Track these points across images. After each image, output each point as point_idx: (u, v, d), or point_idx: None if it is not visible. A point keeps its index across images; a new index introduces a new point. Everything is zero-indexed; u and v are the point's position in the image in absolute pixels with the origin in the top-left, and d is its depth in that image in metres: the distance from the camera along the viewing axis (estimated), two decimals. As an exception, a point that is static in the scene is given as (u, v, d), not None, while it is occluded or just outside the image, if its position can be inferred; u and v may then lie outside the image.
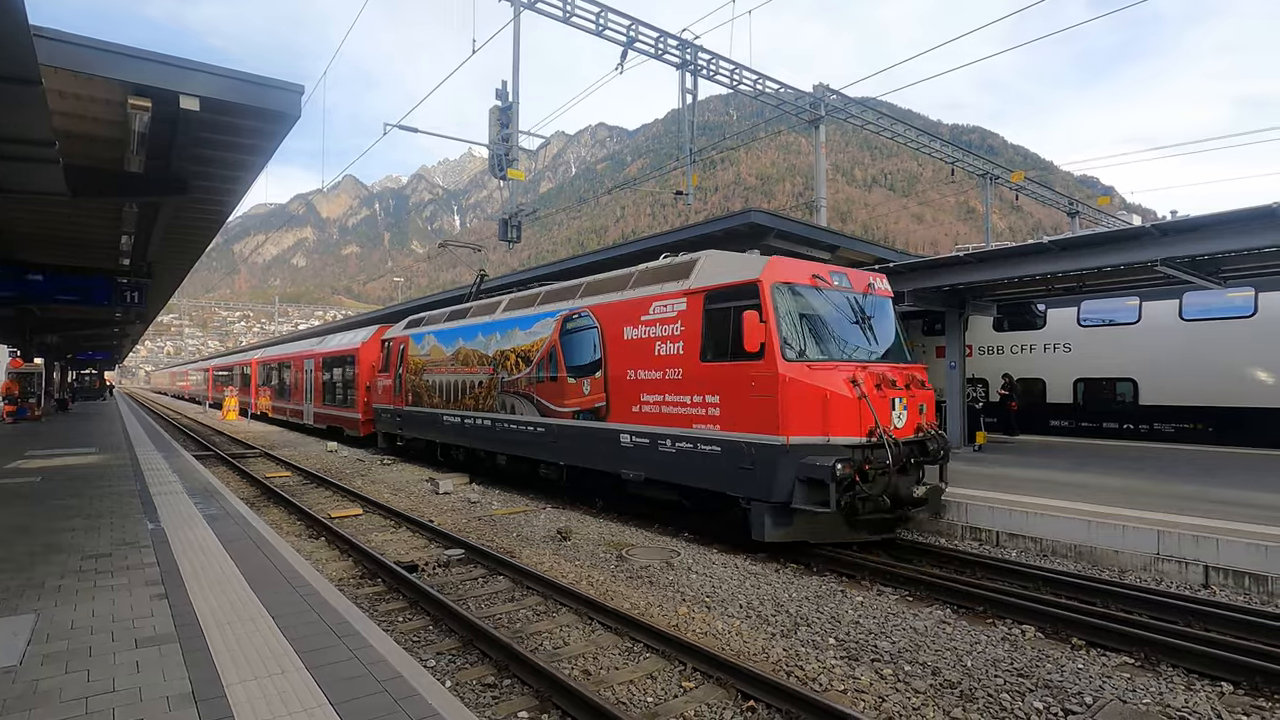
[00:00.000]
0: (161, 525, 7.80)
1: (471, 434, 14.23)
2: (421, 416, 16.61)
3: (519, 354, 12.56)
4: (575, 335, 11.14)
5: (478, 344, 14.05)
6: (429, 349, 16.34)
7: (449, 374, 15.10)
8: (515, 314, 13.01)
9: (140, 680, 3.83)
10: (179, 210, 9.84)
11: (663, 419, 9.37)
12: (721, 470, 8.52)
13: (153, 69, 5.85)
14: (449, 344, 15.31)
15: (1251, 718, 4.46)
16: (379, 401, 19.57)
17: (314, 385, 26.31)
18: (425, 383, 16.34)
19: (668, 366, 9.33)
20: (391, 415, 18.52)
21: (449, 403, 15.09)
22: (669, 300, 9.48)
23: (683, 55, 15.91)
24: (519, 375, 12.51)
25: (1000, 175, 27.56)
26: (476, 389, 13.92)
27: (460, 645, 5.75)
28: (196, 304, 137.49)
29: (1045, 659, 5.35)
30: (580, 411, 10.91)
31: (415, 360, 16.98)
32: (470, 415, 14.18)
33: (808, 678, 5.05)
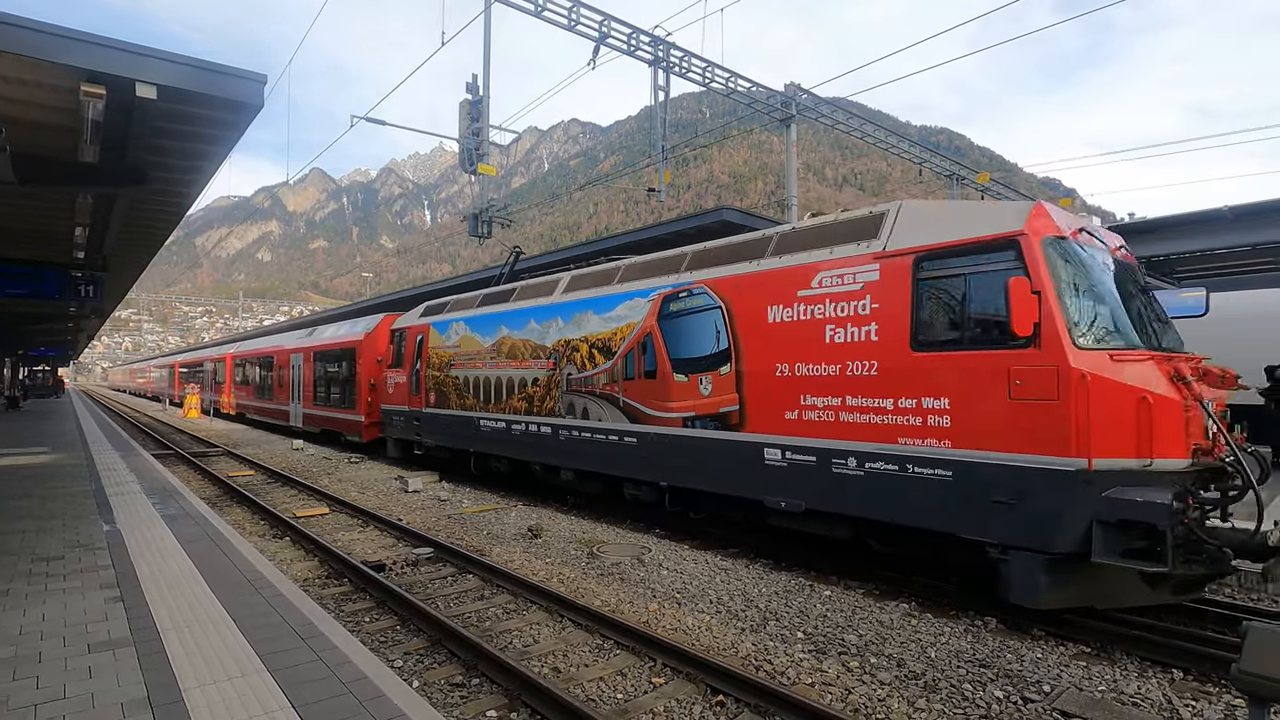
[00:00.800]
0: (118, 526, 7.58)
1: (521, 443, 11.59)
2: (449, 421, 13.86)
3: (594, 344, 10.10)
4: (684, 319, 8.78)
5: (530, 333, 11.49)
6: (458, 339, 13.69)
7: (488, 369, 12.58)
8: (584, 295, 10.53)
9: (93, 686, 3.71)
10: (136, 202, 9.54)
11: (840, 429, 6.99)
12: (950, 503, 6.09)
13: (107, 55, 5.65)
14: (487, 333, 12.74)
15: (1200, 702, 4.63)
16: (388, 402, 16.54)
17: (303, 383, 23.29)
18: (454, 380, 13.69)
19: (849, 358, 6.94)
20: (407, 418, 15.58)
21: (488, 404, 12.49)
22: (847, 268, 7.09)
23: (655, 52, 15.90)
24: (594, 371, 10.08)
25: (966, 176, 28.11)
26: (529, 388, 11.38)
27: (428, 645, 5.69)
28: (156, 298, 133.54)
29: (1006, 649, 5.48)
30: (695, 418, 8.49)
31: (439, 353, 14.27)
32: (520, 420, 11.57)
33: (776, 671, 5.10)
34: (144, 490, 10.07)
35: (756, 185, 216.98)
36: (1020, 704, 4.60)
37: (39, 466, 12.44)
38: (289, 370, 24.62)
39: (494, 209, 16.58)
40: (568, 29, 14.68)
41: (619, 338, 9.69)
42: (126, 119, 6.44)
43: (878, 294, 6.83)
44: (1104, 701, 4.61)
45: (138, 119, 6.43)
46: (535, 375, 11.29)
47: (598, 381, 10.00)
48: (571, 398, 10.49)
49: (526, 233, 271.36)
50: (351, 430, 19.27)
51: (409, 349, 15.60)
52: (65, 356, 52.86)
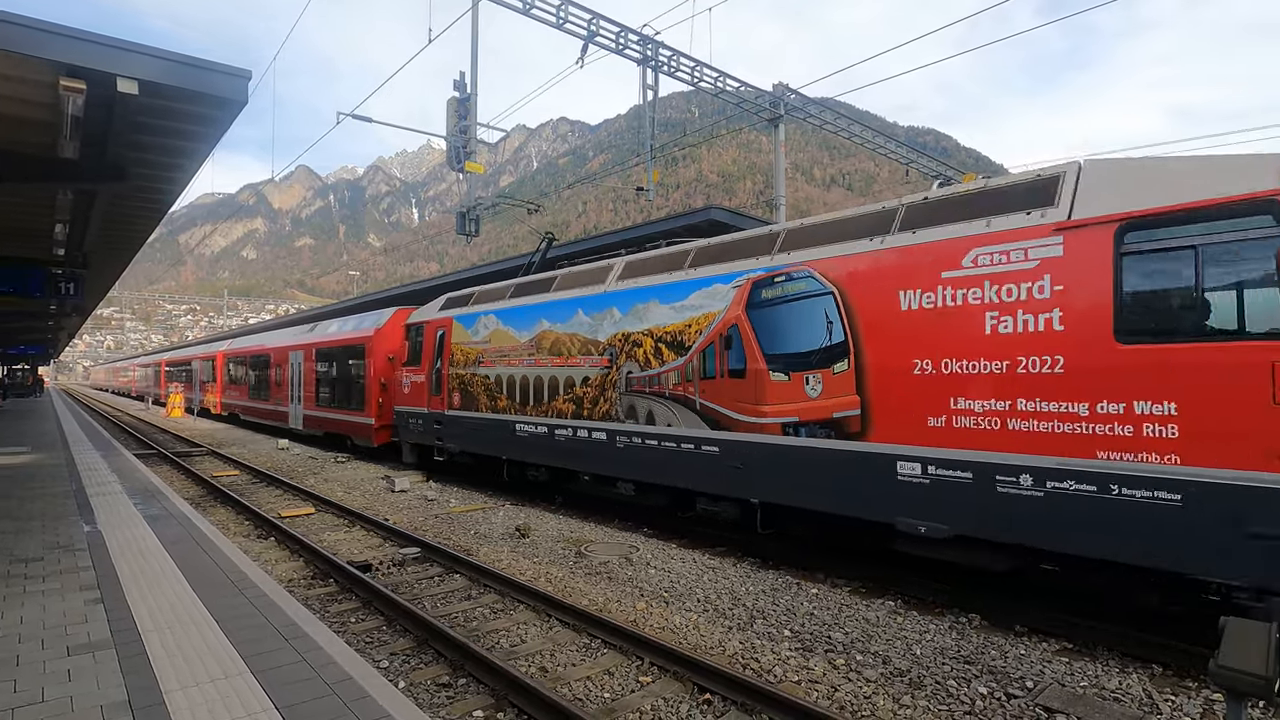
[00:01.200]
0: (98, 527, 7.48)
1: (567, 450, 10.33)
2: (477, 424, 12.52)
3: (660, 339, 8.86)
4: (782, 308, 7.52)
5: (577, 326, 10.26)
6: (487, 334, 12.38)
7: (525, 367, 11.28)
8: (645, 282, 9.30)
9: (72, 689, 3.66)
10: (117, 199, 9.41)
11: (1008, 439, 5.77)
12: (1177, 535, 4.95)
13: (87, 49, 5.57)
14: (523, 327, 11.44)
15: (1179, 696, 4.69)
16: (404, 403, 15.06)
17: (303, 383, 21.54)
18: (483, 379, 12.36)
19: (1021, 352, 5.75)
20: (426, 421, 14.16)
21: (525, 406, 11.21)
22: (1014, 243, 5.88)
23: (644, 51, 15.89)
24: (661, 369, 8.83)
25: (953, 176, 28.32)
26: (577, 388, 10.14)
27: (415, 645, 5.67)
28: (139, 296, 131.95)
29: (990, 645, 5.53)
30: (799, 424, 7.24)
31: (464, 350, 12.96)
32: (566, 425, 10.31)
33: (763, 669, 5.12)
34: (125, 491, 9.94)
35: (745, 185, 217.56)
36: (1004, 700, 4.65)
37: (18, 467, 12.25)
38: (287, 369, 22.95)
39: (482, 206, 16.51)
40: (556, 27, 14.63)
41: (693, 331, 8.45)
42: (107, 114, 6.35)
43: (1061, 273, 5.59)
44: (1086, 697, 4.67)
45: (119, 115, 6.35)
46: (585, 374, 10.01)
47: (666, 381, 8.76)
48: (632, 399, 9.21)
49: (515, 231, 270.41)
50: (360, 434, 17.61)
51: (428, 345, 14.26)
52: (45, 355, 52.07)
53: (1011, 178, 6.42)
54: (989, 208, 6.22)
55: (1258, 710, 4.47)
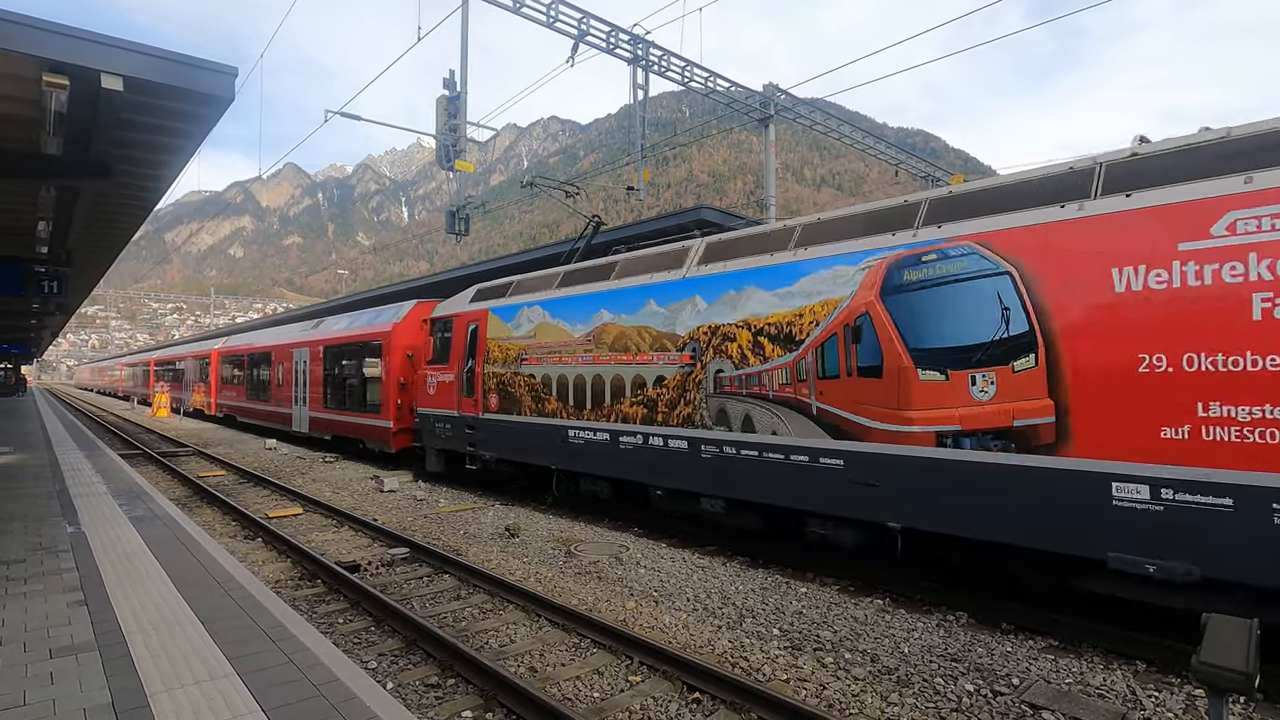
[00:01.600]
0: (82, 528, 7.40)
1: (636, 461, 9.04)
2: (520, 430, 11.10)
3: (762, 331, 7.63)
4: (935, 293, 6.27)
5: (649, 317, 9.05)
6: (532, 328, 11.04)
7: (580, 365, 9.98)
8: (737, 265, 8.12)
9: (55, 692, 3.62)
10: (101, 196, 9.31)
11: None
12: None
13: (71, 45, 5.50)
14: (577, 319, 10.17)
15: (1162, 692, 4.75)
16: (428, 405, 13.68)
17: (309, 382, 20.04)
18: (526, 379, 10.99)
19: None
20: (456, 426, 12.75)
21: (581, 409, 9.92)
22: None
23: (634, 50, 15.89)
24: (762, 367, 7.59)
25: (942, 177, 28.51)
26: (649, 389, 8.93)
27: (403, 646, 5.64)
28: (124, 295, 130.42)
29: (977, 643, 5.57)
30: (960, 433, 6.00)
31: (503, 346, 11.57)
32: (635, 431, 9.05)
33: (752, 668, 5.14)
34: (110, 491, 9.84)
35: (736, 185, 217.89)
36: (990, 697, 4.69)
37: (1, 467, 12.09)
38: (291, 368, 21.42)
39: (471, 205, 16.46)
40: (546, 26, 14.60)
41: (806, 322, 7.21)
42: (91, 111, 6.28)
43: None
44: (1070, 693, 4.72)
45: (103, 111, 6.28)
46: (659, 372, 8.81)
47: (769, 381, 7.53)
48: (723, 402, 7.99)
49: (506, 230, 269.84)
50: (376, 438, 16.12)
51: (458, 341, 12.86)
52: (29, 354, 51.43)
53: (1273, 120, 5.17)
54: (1250, 160, 5.03)
55: (1239, 705, 4.53)
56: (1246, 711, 4.51)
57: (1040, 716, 4.41)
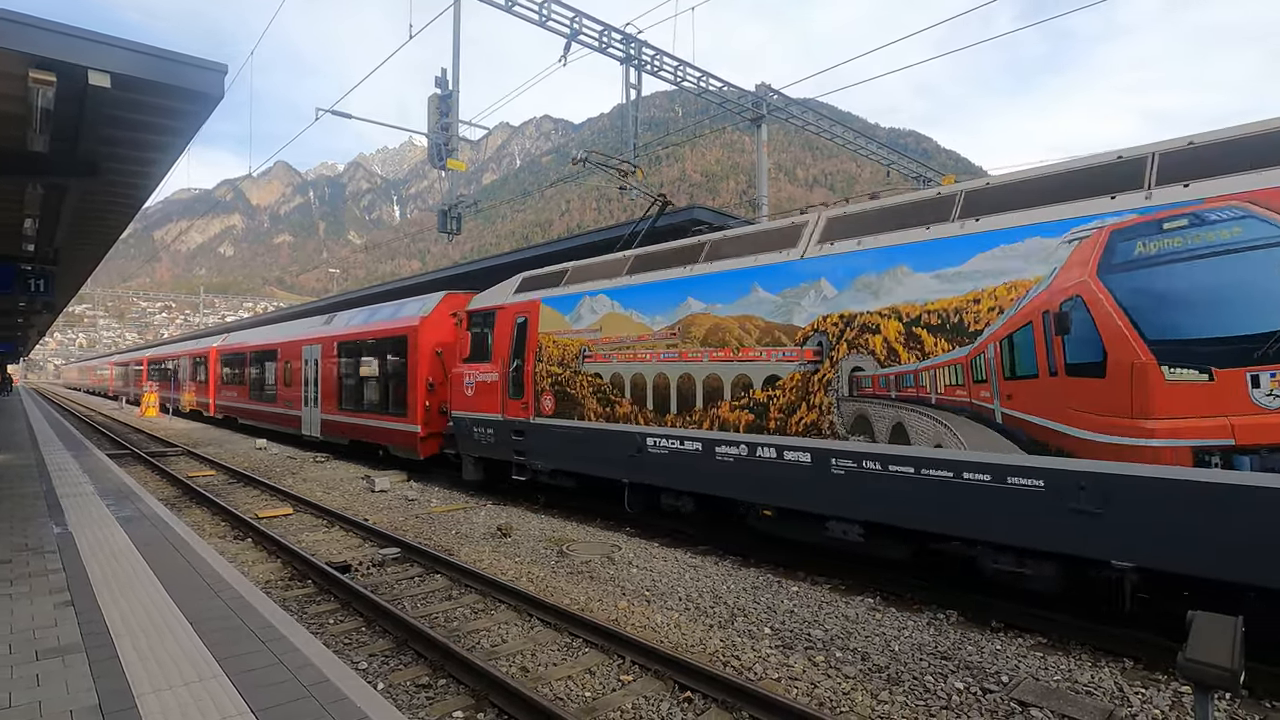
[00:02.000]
0: (69, 529, 7.33)
1: (738, 475, 7.76)
2: (583, 437, 9.76)
3: (918, 322, 6.36)
4: (1188, 269, 5.04)
5: (754, 306, 7.77)
6: (596, 321, 9.74)
7: (660, 363, 8.72)
8: (880, 242, 6.82)
9: (41, 694, 3.59)
10: (89, 194, 9.22)
11: None
12: None
13: (58, 41, 5.45)
14: (656, 309, 8.90)
15: (1149, 689, 4.79)
16: (465, 407, 12.31)
17: (321, 382, 18.54)
18: (591, 379, 9.70)
19: None
20: (501, 431, 11.38)
21: (663, 414, 8.64)
22: None
23: (627, 50, 15.88)
24: (921, 365, 6.29)
25: (933, 178, 28.64)
26: (757, 392, 7.61)
27: (394, 646, 5.63)
28: (112, 293, 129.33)
29: (966, 642, 5.60)
30: (1234, 450, 4.76)
31: (561, 341, 10.30)
32: (736, 441, 7.78)
33: (744, 667, 5.15)
34: (98, 491, 9.76)
35: (729, 184, 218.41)
36: (980, 694, 4.72)
37: (-14, 467, 11.98)
38: (299, 366, 19.87)
39: (463, 204, 16.41)
40: (539, 24, 14.58)
41: (985, 309, 5.95)
42: (78, 108, 6.23)
43: None
44: (1059, 690, 4.75)
45: (90, 108, 6.23)
46: (770, 371, 7.53)
47: (931, 382, 6.21)
48: (862, 407, 6.68)
49: (498, 230, 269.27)
50: (401, 443, 14.76)
51: (501, 336, 11.55)
52: (15, 353, 50.90)
53: None
54: None
55: (1224, 702, 4.58)
56: (1231, 708, 4.56)
57: (1029, 714, 4.44)
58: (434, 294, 15.33)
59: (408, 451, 14.55)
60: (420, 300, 15.50)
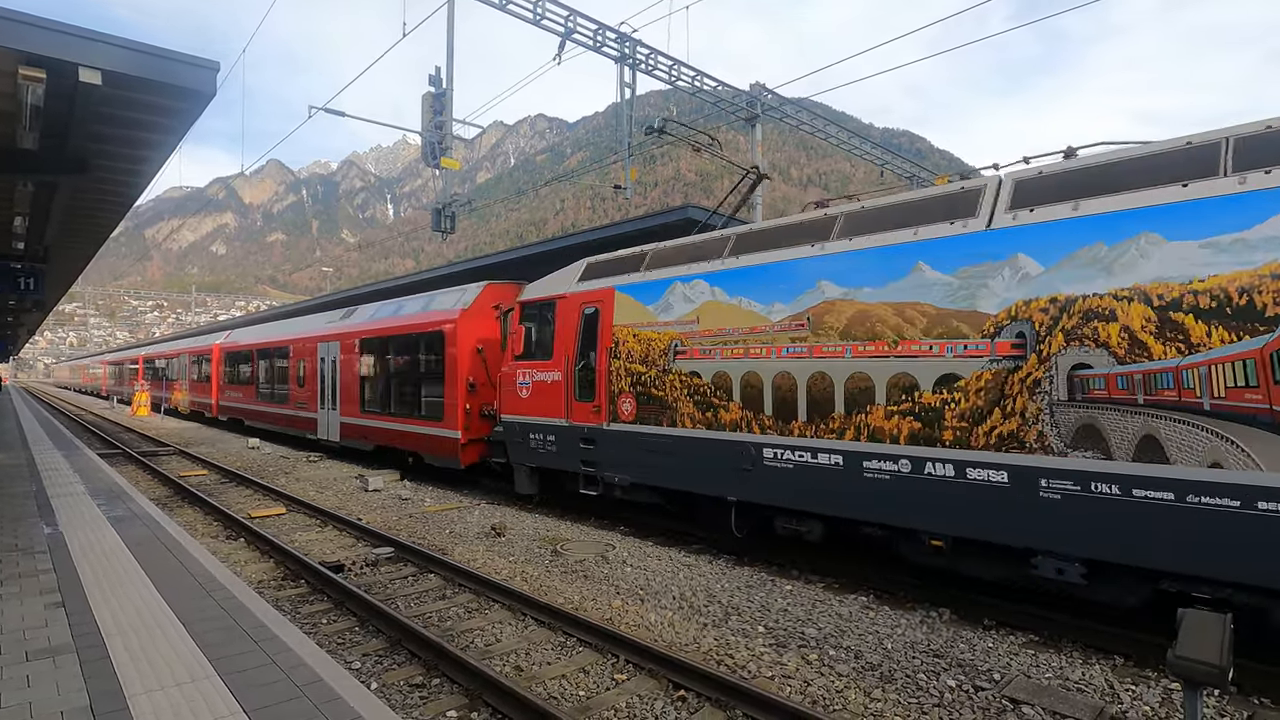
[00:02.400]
0: (60, 529, 7.29)
1: (899, 496, 6.44)
2: (675, 446, 8.46)
3: (1179, 304, 5.13)
4: None
5: (917, 289, 6.48)
6: (692, 310, 8.42)
7: (784, 359, 7.36)
8: (1102, 206, 5.54)
9: (31, 695, 3.57)
10: (79, 192, 9.16)
11: None
12: None
13: (48, 37, 5.42)
14: (773, 295, 7.58)
15: (1139, 686, 4.83)
16: (518, 410, 10.87)
17: (340, 382, 17.12)
18: (686, 378, 8.39)
19: None
20: (566, 438, 9.97)
21: (787, 421, 7.31)
22: None
23: (621, 49, 15.87)
24: (1187, 361, 5.07)
25: (926, 178, 28.74)
26: (924, 394, 6.34)
27: (388, 646, 5.61)
28: (103, 292, 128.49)
29: (959, 639, 5.63)
30: None
31: (644, 334, 8.95)
32: (894, 455, 6.47)
33: (737, 665, 5.16)
34: (89, 491, 9.70)
35: (723, 184, 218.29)
36: (972, 692, 4.74)
37: (-25, 467, 11.89)
38: (315, 365, 18.47)
39: (457, 203, 16.37)
40: (533, 23, 14.55)
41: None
42: (69, 105, 6.19)
43: None
44: (1050, 688, 4.78)
45: (81, 105, 6.18)
46: (946, 369, 6.21)
47: (1205, 383, 4.94)
48: (1090, 415, 5.41)
49: (492, 228, 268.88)
50: (438, 451, 13.28)
51: (565, 330, 10.15)
52: (5, 352, 50.52)
53: None
54: None
55: (1213, 698, 4.62)
56: (1221, 704, 4.59)
57: (1020, 711, 4.47)
58: (472, 284, 13.83)
59: (445, 460, 13.16)
60: (457, 291, 14.02)
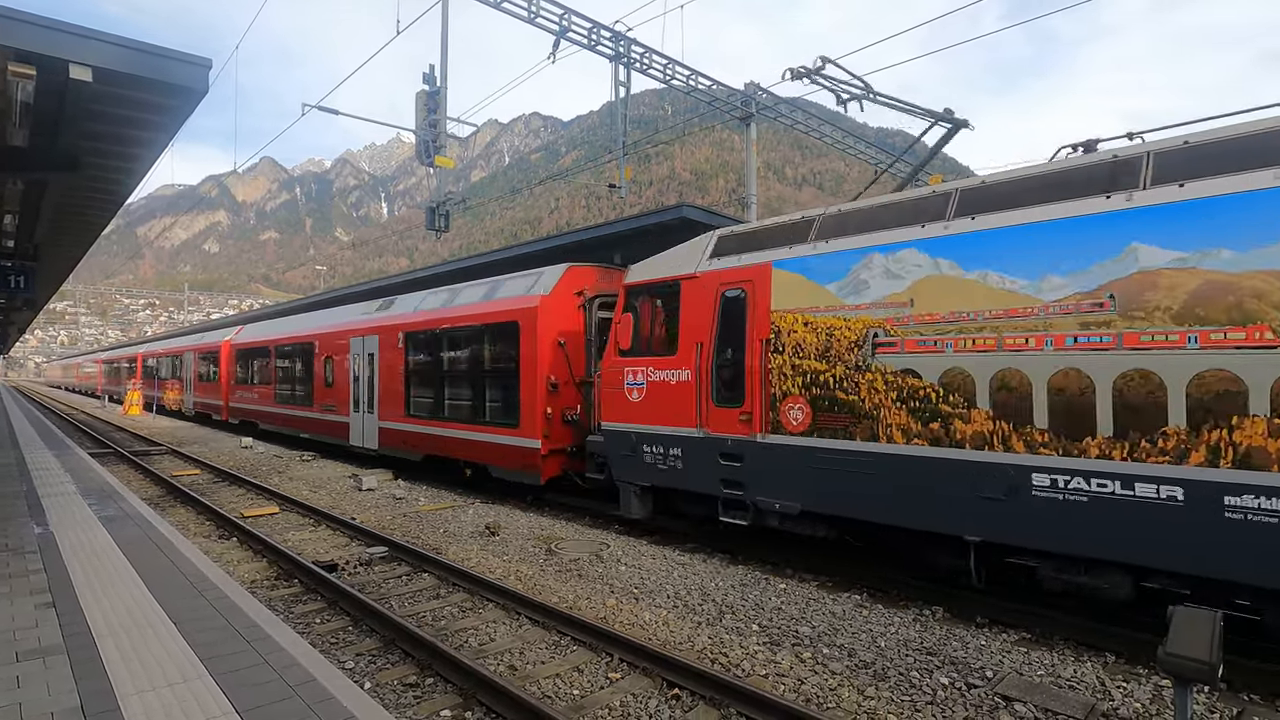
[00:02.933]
0: (50, 529, 7.24)
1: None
2: (870, 466, 6.62)
3: None
4: None
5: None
6: (905, 289, 6.58)
7: (1066, 353, 5.61)
8: None
9: (21, 696, 3.55)
10: (70, 189, 9.10)
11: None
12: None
13: (38, 34, 5.38)
14: (1046, 267, 5.83)
15: (1130, 683, 4.86)
16: (626, 418, 9.03)
17: (379, 381, 15.18)
18: (891, 378, 6.52)
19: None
20: (698, 452, 8.15)
21: (1071, 438, 5.52)
22: None
23: (616, 47, 15.86)
24: None
25: (921, 178, 28.79)
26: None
27: (381, 645, 5.60)
28: (94, 290, 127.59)
29: (952, 637, 5.65)
30: None
31: (821, 323, 7.11)
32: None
33: (732, 664, 5.17)
34: (80, 491, 9.64)
35: (718, 183, 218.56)
36: (964, 690, 4.76)
37: (-36, 467, 11.81)
38: (345, 362, 16.56)
39: (452, 201, 16.33)
40: (527, 21, 14.52)
41: None
42: (59, 102, 6.14)
43: None
44: (1042, 685, 4.81)
45: (71, 102, 6.14)
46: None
47: None
48: None
49: (487, 227, 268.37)
50: (511, 462, 11.32)
51: (696, 318, 8.32)
52: (-6, 351, 50.17)
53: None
54: None
55: (1203, 695, 4.65)
56: (1211, 700, 4.63)
57: (1013, 708, 4.49)
58: (551, 268, 11.79)
59: (520, 473, 11.18)
60: (531, 276, 12.06)
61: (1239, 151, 5.25)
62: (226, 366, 24.84)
